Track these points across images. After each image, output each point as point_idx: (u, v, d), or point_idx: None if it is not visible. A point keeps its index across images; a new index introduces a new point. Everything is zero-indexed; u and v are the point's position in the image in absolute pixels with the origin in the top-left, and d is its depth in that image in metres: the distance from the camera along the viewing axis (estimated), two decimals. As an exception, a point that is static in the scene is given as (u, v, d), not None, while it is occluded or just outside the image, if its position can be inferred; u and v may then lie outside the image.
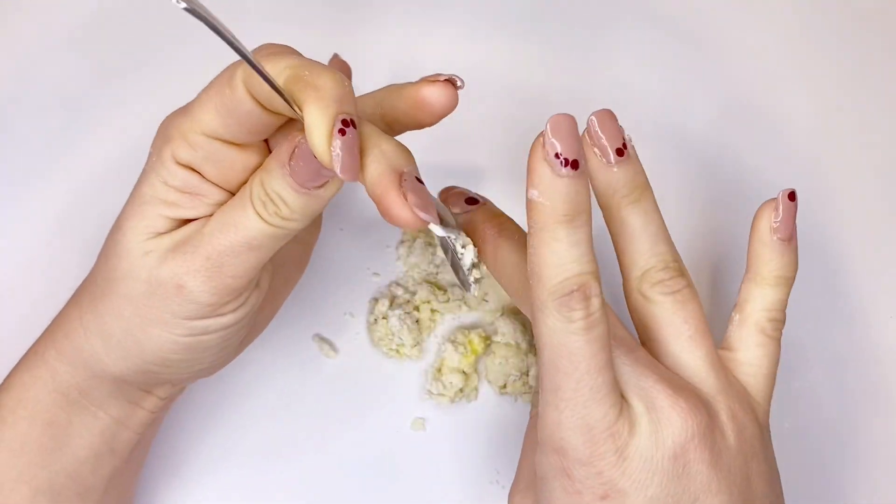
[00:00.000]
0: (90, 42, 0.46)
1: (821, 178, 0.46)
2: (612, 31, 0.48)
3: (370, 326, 0.41)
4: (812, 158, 0.46)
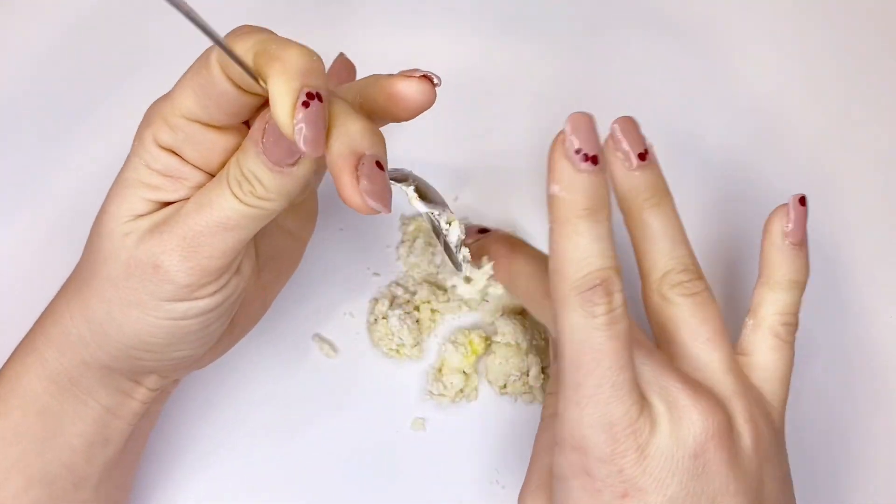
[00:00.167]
0: (90, 42, 0.46)
1: (820, 178, 0.46)
2: (613, 31, 0.48)
3: (370, 326, 0.41)
4: (812, 158, 0.46)
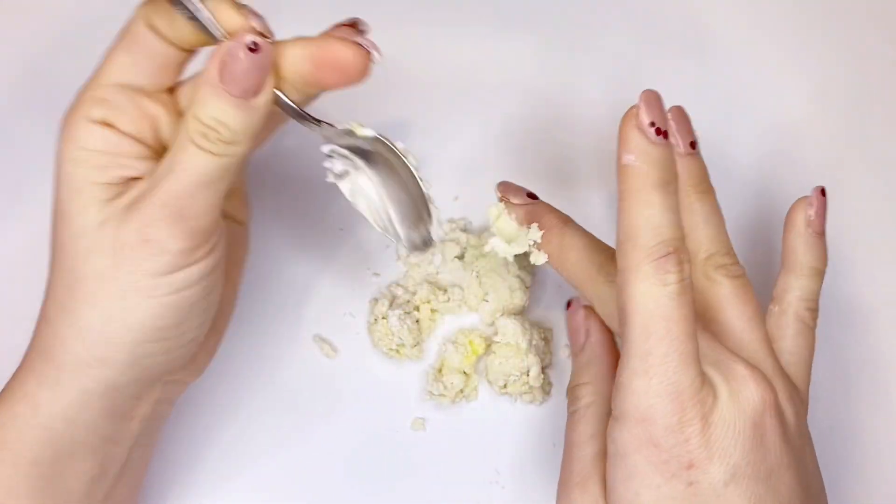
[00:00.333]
0: (90, 42, 0.46)
1: (821, 177, 0.45)
2: (613, 31, 0.48)
3: (370, 326, 0.41)
4: (812, 156, 0.46)
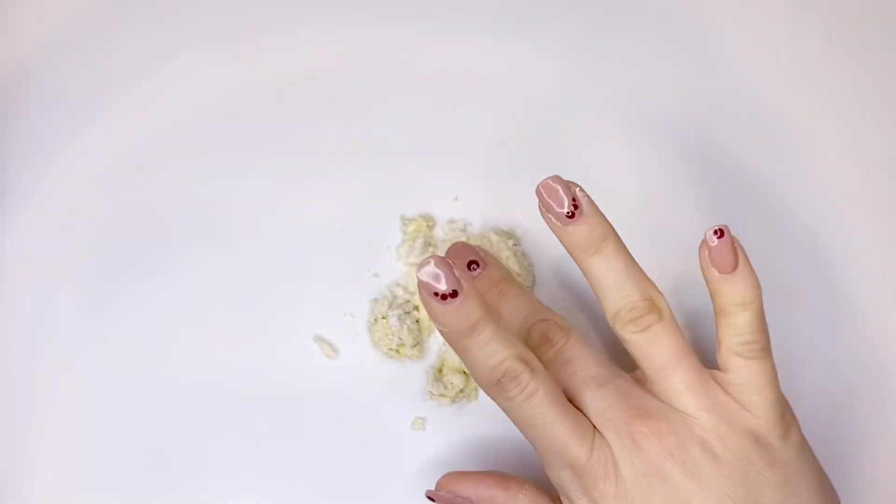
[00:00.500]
0: (90, 43, 0.46)
1: (821, 177, 0.46)
2: (614, 32, 0.48)
3: (370, 326, 0.41)
4: (812, 157, 0.46)
